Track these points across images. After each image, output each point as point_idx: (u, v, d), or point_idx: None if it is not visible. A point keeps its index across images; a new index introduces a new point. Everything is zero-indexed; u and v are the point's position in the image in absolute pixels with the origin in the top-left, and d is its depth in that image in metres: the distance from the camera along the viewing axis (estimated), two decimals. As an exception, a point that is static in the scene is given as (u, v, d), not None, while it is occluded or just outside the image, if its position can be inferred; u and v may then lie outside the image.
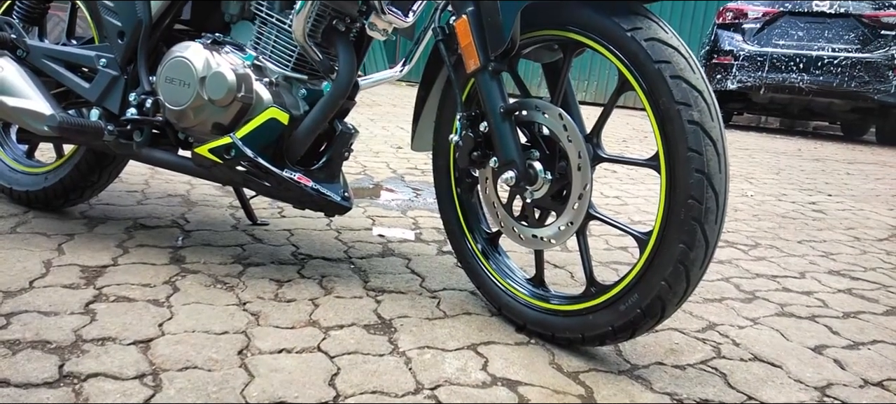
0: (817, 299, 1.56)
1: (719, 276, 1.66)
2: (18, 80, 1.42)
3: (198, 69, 1.24)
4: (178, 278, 1.30)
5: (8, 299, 1.13)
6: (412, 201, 2.24)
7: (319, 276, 1.39)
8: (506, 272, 1.26)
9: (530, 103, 1.11)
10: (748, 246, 2.01)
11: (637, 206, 2.46)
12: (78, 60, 1.45)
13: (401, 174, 2.72)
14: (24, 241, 1.44)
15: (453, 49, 1.17)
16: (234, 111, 1.26)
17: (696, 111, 0.93)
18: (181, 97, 1.27)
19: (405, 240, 1.75)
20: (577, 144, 1.06)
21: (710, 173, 0.92)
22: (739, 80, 6.17)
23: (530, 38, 1.13)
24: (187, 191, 2.05)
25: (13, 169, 1.70)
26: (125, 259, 1.39)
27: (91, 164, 1.57)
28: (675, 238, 0.95)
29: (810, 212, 2.68)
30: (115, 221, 1.65)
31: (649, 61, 0.95)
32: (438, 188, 1.36)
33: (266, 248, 1.55)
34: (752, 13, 6.23)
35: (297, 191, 1.28)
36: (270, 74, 1.30)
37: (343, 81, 1.27)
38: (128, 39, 1.37)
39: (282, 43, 1.31)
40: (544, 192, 1.12)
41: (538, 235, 1.14)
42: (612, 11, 1.00)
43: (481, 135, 1.18)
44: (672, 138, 0.94)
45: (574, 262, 1.65)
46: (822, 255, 1.98)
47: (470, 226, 1.32)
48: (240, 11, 1.36)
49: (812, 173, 3.92)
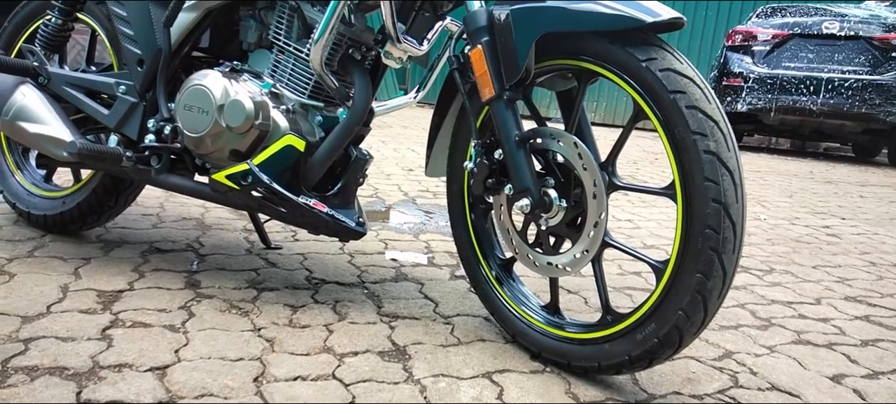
0: (834, 326, 1.54)
1: (735, 302, 1.65)
2: (40, 106, 1.44)
3: (216, 97, 1.26)
4: (193, 303, 1.31)
5: (26, 324, 1.14)
6: (425, 224, 2.24)
7: (333, 301, 1.40)
8: (520, 299, 1.25)
9: (545, 131, 1.12)
10: (763, 271, 2.00)
11: (650, 230, 2.46)
12: (97, 87, 1.48)
13: (413, 197, 2.73)
14: (41, 265, 1.45)
15: (468, 77, 1.18)
16: (251, 138, 1.27)
17: (712, 141, 0.93)
18: (199, 124, 1.29)
19: (418, 264, 1.76)
20: (592, 172, 1.06)
21: (728, 203, 0.92)
22: (749, 103, 6.16)
23: (544, 67, 1.14)
24: (202, 214, 2.06)
25: (31, 193, 1.72)
26: (141, 283, 1.40)
27: (108, 189, 1.59)
28: (692, 267, 0.94)
29: (824, 236, 2.66)
30: (131, 245, 1.66)
31: (664, 91, 0.96)
32: (452, 214, 1.36)
33: (280, 273, 1.56)
34: (762, 35, 6.24)
35: (313, 217, 1.29)
36: (287, 102, 1.32)
37: (359, 109, 1.29)
38: (147, 67, 1.40)
39: (299, 71, 1.32)
40: (559, 220, 1.13)
41: (553, 263, 1.14)
42: (626, 42, 1.01)
43: (496, 163, 1.18)
44: (688, 168, 0.94)
45: (588, 288, 1.65)
46: (837, 281, 1.97)
47: (484, 252, 1.32)
48: (257, 40, 1.38)
49: (825, 196, 3.89)
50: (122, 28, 1.42)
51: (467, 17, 1.14)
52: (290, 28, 1.32)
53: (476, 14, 1.12)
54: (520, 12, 1.06)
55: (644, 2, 1.00)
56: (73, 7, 1.55)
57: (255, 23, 1.38)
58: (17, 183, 1.74)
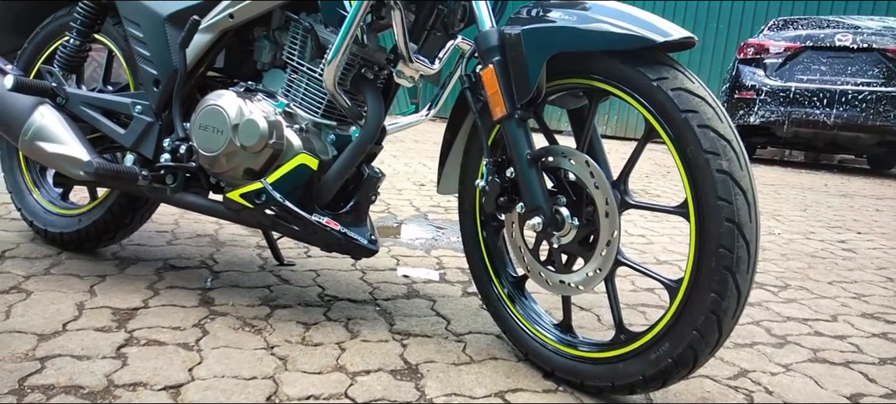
0: (851, 344, 1.52)
1: (750, 320, 1.63)
2: (57, 126, 1.47)
3: (231, 117, 1.28)
4: (207, 321, 1.32)
5: (42, 342, 1.16)
6: (436, 240, 2.24)
7: (345, 319, 1.40)
8: (533, 317, 1.25)
9: (557, 150, 1.12)
10: (778, 287, 1.98)
11: (663, 246, 2.44)
12: (114, 107, 1.50)
13: (424, 212, 2.74)
14: (57, 283, 1.47)
15: (479, 96, 1.19)
16: (265, 157, 1.29)
17: (725, 160, 0.93)
18: (214, 144, 1.30)
19: (430, 280, 1.76)
20: (604, 191, 1.06)
21: (741, 222, 0.92)
22: (762, 116, 6.13)
23: (556, 85, 1.14)
24: (216, 231, 2.08)
25: (48, 211, 1.74)
26: (155, 301, 1.41)
27: (124, 207, 1.61)
28: (706, 287, 0.94)
29: (840, 252, 2.63)
30: (146, 262, 1.68)
31: (676, 110, 0.96)
32: (464, 231, 1.36)
33: (293, 290, 1.56)
34: (774, 48, 6.22)
35: (325, 235, 1.30)
36: (301, 121, 1.33)
37: (371, 127, 1.29)
38: (163, 87, 1.42)
39: (312, 90, 1.34)
40: (571, 238, 1.13)
41: (565, 281, 1.14)
42: (637, 61, 1.01)
43: (507, 181, 1.19)
44: (701, 187, 0.94)
45: (601, 305, 1.64)
46: (853, 297, 1.94)
47: (496, 270, 1.32)
48: (271, 60, 1.40)
49: (840, 209, 3.85)
50: (139, 49, 1.45)
51: (479, 36, 1.15)
52: (303, 48, 1.34)
53: (487, 34, 1.13)
54: (531, 32, 1.06)
55: (654, 21, 1.00)
56: (90, 28, 1.57)
57: (270, 43, 1.39)
58: (34, 201, 1.76)
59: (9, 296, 1.36)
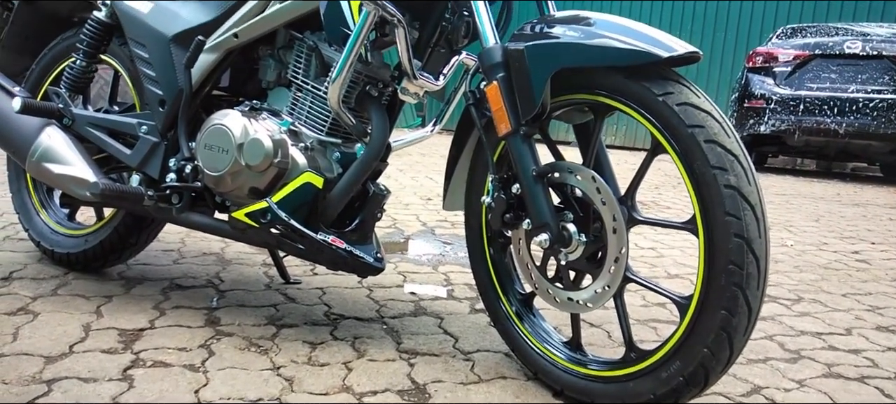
0: (866, 358, 1.49)
1: (763, 334, 1.60)
2: (64, 147, 1.47)
3: (236, 136, 1.28)
4: (213, 341, 1.31)
5: (49, 365, 1.15)
6: (443, 255, 2.23)
7: (352, 338, 1.39)
8: (542, 335, 1.23)
9: (563, 166, 1.11)
10: (791, 300, 1.95)
11: (674, 259, 2.42)
12: (120, 128, 1.51)
13: (431, 227, 2.73)
14: (64, 304, 1.47)
15: (484, 112, 1.18)
16: (270, 176, 1.28)
17: (732, 175, 0.92)
18: (219, 163, 1.30)
19: (437, 297, 1.74)
20: (611, 207, 1.05)
21: (750, 238, 0.90)
22: (772, 125, 6.09)
23: (561, 101, 1.13)
24: (222, 249, 2.08)
25: (55, 231, 1.75)
26: (162, 321, 1.40)
27: (130, 227, 1.61)
28: (716, 304, 0.92)
29: (853, 263, 2.59)
30: (152, 282, 1.68)
31: (682, 126, 0.95)
32: (471, 248, 1.35)
33: (299, 308, 1.56)
34: (783, 57, 6.18)
35: (331, 254, 1.29)
36: (306, 139, 1.33)
37: (376, 144, 1.29)
38: (169, 107, 1.42)
39: (317, 109, 1.34)
40: (579, 254, 1.11)
41: (574, 298, 1.13)
42: (642, 76, 1.00)
43: (514, 197, 1.17)
44: (709, 202, 0.93)
45: (611, 321, 1.62)
46: (868, 310, 1.91)
47: (503, 287, 1.31)
48: (276, 78, 1.40)
49: (853, 219, 3.81)
50: (144, 69, 1.45)
51: (483, 53, 1.14)
52: (308, 67, 1.34)
53: (491, 51, 1.13)
54: (534, 49, 1.06)
55: (659, 36, 0.99)
56: (97, 49, 1.58)
57: (274, 62, 1.40)
58: (41, 221, 1.77)
59: (16, 318, 1.36)
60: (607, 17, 1.07)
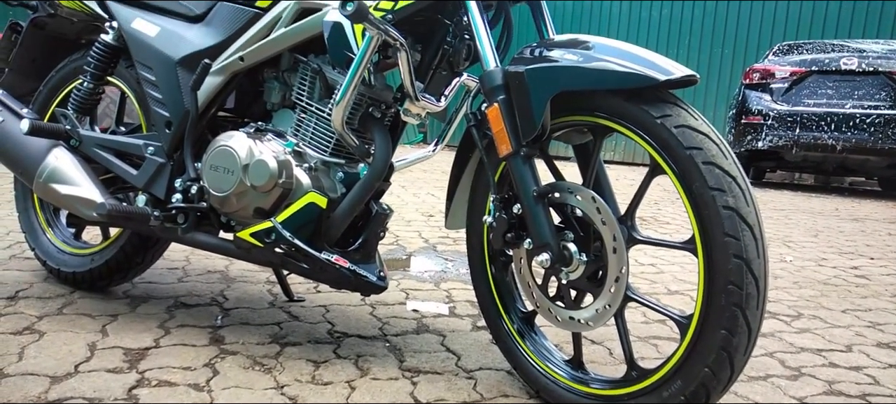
0: (867, 375, 1.50)
1: (763, 351, 1.61)
2: (71, 168, 1.49)
3: (241, 157, 1.30)
4: (217, 360, 1.32)
5: (55, 385, 1.16)
6: (445, 272, 2.24)
7: (355, 356, 1.40)
8: (543, 353, 1.25)
9: (563, 186, 1.13)
10: (790, 316, 1.96)
11: (674, 275, 2.43)
12: (126, 149, 1.53)
13: (433, 243, 2.74)
14: (69, 323, 1.48)
15: (485, 132, 1.20)
16: (275, 196, 1.30)
17: (730, 196, 0.93)
18: (225, 184, 1.32)
19: (439, 314, 1.75)
20: (611, 227, 1.06)
21: (749, 258, 0.92)
22: (770, 140, 6.12)
23: (560, 122, 1.15)
24: (226, 266, 2.09)
25: (61, 250, 1.76)
26: (166, 340, 1.41)
27: (136, 246, 1.63)
28: (716, 324, 0.94)
29: (853, 278, 2.60)
30: (157, 300, 1.69)
31: (680, 147, 0.97)
32: (472, 266, 1.37)
33: (302, 326, 1.57)
34: (780, 73, 6.23)
35: (335, 273, 1.30)
36: (310, 160, 1.35)
37: (379, 165, 1.31)
38: (175, 129, 1.44)
39: (321, 130, 1.36)
40: (580, 274, 1.13)
41: (575, 317, 1.14)
42: (640, 99, 1.02)
43: (515, 217, 1.19)
44: (708, 223, 0.94)
45: (612, 338, 1.63)
46: (868, 326, 1.92)
47: (505, 305, 1.32)
48: (281, 100, 1.43)
49: (851, 234, 3.82)
50: (151, 92, 1.48)
51: (483, 76, 1.16)
52: (312, 89, 1.36)
53: (492, 73, 1.15)
54: (534, 72, 1.08)
55: (656, 59, 1.01)
56: (104, 71, 1.61)
57: (279, 84, 1.42)
58: (48, 241, 1.79)
59: (22, 338, 1.38)
60: (605, 41, 1.09)
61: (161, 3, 1.51)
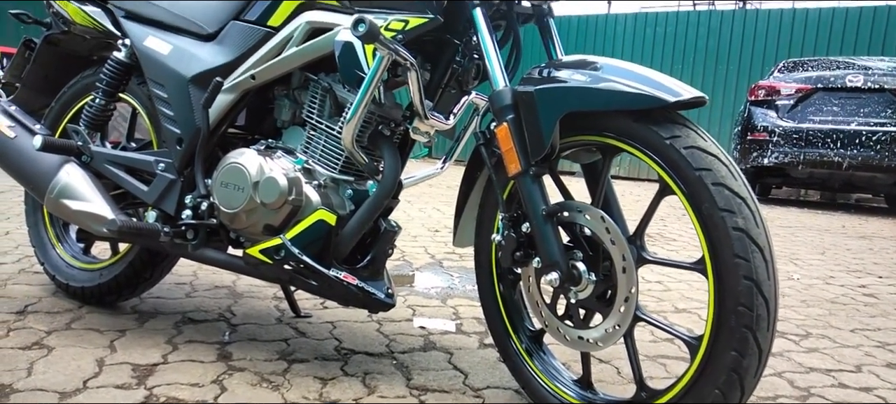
0: (878, 396, 1.49)
1: (772, 371, 1.60)
2: (82, 184, 1.51)
3: (252, 174, 1.31)
4: (225, 376, 1.32)
5: (64, 400, 1.17)
6: (452, 288, 2.24)
7: (362, 373, 1.40)
8: (552, 372, 1.24)
9: (572, 205, 1.13)
10: (799, 336, 1.95)
11: (681, 293, 2.42)
12: (137, 165, 1.54)
13: (439, 259, 2.74)
14: (78, 338, 1.48)
15: (494, 151, 1.21)
16: (284, 213, 1.31)
17: (740, 218, 0.94)
18: (235, 200, 1.33)
19: (446, 331, 1.75)
20: (620, 247, 1.06)
21: (759, 280, 0.92)
22: (776, 157, 6.12)
23: (569, 142, 1.16)
24: (233, 282, 2.10)
25: (70, 265, 1.77)
26: (174, 356, 1.42)
27: (145, 261, 1.63)
28: (727, 346, 0.93)
29: (861, 297, 2.59)
30: (165, 315, 1.69)
31: (690, 169, 0.97)
32: (481, 284, 1.37)
33: (310, 343, 1.57)
34: (785, 90, 6.24)
35: (343, 290, 1.31)
36: (319, 177, 1.36)
37: (388, 182, 1.32)
38: (186, 145, 1.45)
39: (330, 147, 1.37)
40: (589, 293, 1.13)
41: (584, 337, 1.14)
42: (649, 119, 1.03)
43: (523, 236, 1.19)
44: (718, 245, 0.94)
45: (620, 357, 1.62)
46: (877, 346, 1.91)
47: (513, 324, 1.32)
48: (291, 118, 1.44)
49: (859, 252, 3.80)
50: (163, 109, 1.49)
51: (493, 95, 1.17)
52: (322, 107, 1.37)
53: (501, 93, 1.16)
54: (543, 92, 1.09)
55: (664, 81, 1.02)
56: (116, 88, 1.63)
57: (289, 102, 1.43)
58: (57, 255, 1.80)
59: (31, 353, 1.38)
60: (614, 62, 1.10)
61: (174, 21, 1.53)
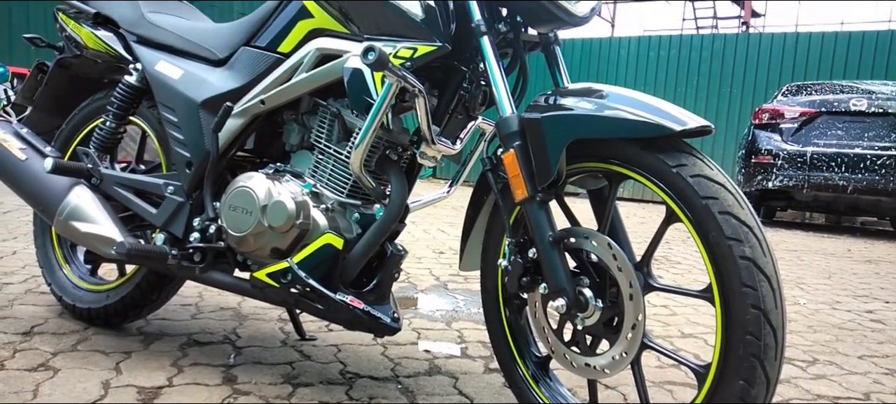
0: (886, 425, 1.48)
1: (779, 398, 1.59)
2: (91, 206, 1.52)
3: (260, 198, 1.32)
4: (230, 400, 1.32)
5: (70, 424, 1.17)
6: (456, 311, 2.24)
7: (367, 398, 1.39)
8: (558, 399, 1.24)
9: (579, 232, 1.14)
10: (806, 362, 1.94)
11: (686, 317, 2.41)
12: (146, 187, 1.55)
13: (444, 281, 2.74)
14: (83, 360, 1.49)
15: (500, 176, 1.22)
16: (292, 237, 1.32)
17: (747, 247, 0.94)
18: (243, 224, 1.34)
19: (451, 355, 1.75)
20: (627, 273, 1.07)
21: (767, 309, 0.92)
22: (780, 180, 6.12)
23: (576, 168, 1.17)
24: (239, 303, 2.10)
25: (77, 286, 1.78)
26: (180, 379, 1.42)
27: (152, 283, 1.64)
28: (734, 375, 0.93)
29: (868, 322, 2.58)
30: (170, 337, 1.70)
31: (697, 197, 0.98)
32: (487, 309, 1.37)
33: (314, 366, 1.57)
34: (789, 113, 6.26)
35: (349, 314, 1.31)
36: (327, 201, 1.37)
37: (395, 207, 1.32)
38: (195, 169, 1.47)
39: (338, 171, 1.38)
40: (596, 320, 1.13)
41: (591, 364, 1.14)
42: (655, 148, 1.03)
43: (530, 261, 1.20)
44: (725, 273, 0.95)
45: (626, 383, 1.61)
46: (886, 373, 1.89)
47: (519, 349, 1.32)
48: (300, 142, 1.45)
49: (865, 276, 3.79)
50: (173, 132, 1.51)
51: (500, 122, 1.18)
52: (331, 132, 1.38)
53: (508, 120, 1.17)
54: (550, 120, 1.10)
55: (670, 109, 1.03)
56: (127, 111, 1.65)
57: (298, 127, 1.45)
58: (64, 276, 1.80)
59: (37, 374, 1.38)
60: (620, 90, 1.11)
61: (185, 46, 1.55)
